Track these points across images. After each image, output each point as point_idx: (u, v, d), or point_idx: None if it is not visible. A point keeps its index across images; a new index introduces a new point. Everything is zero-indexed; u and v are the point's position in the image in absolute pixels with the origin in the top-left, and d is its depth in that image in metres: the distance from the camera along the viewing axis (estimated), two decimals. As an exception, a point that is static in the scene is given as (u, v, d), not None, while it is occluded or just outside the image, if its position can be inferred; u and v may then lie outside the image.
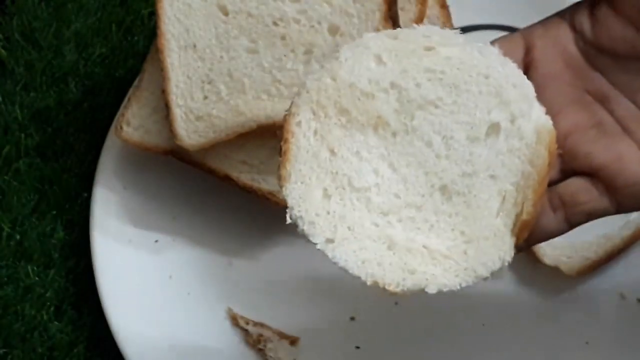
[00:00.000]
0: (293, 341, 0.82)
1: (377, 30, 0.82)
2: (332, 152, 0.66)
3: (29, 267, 0.86)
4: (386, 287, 0.63)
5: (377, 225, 0.65)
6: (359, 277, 0.63)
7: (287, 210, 0.64)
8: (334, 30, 0.83)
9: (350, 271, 0.64)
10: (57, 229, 0.88)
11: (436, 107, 0.65)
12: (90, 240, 0.85)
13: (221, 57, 0.84)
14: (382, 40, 0.66)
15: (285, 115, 0.65)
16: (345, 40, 0.82)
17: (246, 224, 0.86)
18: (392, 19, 0.83)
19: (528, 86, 0.65)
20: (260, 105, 0.82)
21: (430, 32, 0.66)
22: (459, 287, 0.63)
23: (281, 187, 0.65)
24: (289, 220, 0.64)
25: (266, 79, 0.82)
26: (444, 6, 0.89)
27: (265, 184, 0.83)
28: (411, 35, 0.66)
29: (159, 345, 0.82)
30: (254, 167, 0.84)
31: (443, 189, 0.65)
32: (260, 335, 0.82)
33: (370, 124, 0.66)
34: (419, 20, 0.86)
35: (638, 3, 0.64)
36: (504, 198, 0.64)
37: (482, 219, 0.64)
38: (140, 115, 0.87)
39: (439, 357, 0.82)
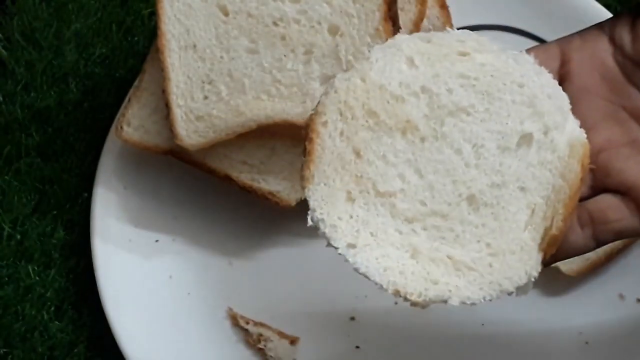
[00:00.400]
0: (293, 341, 0.82)
1: (377, 30, 0.82)
2: (358, 154, 0.64)
3: (30, 267, 0.86)
4: (407, 296, 0.62)
5: (400, 232, 0.63)
6: (380, 285, 0.62)
7: (309, 212, 0.63)
8: (334, 30, 0.83)
9: (372, 278, 0.62)
10: (58, 229, 0.88)
11: (468, 114, 0.64)
12: (91, 240, 0.85)
13: (221, 57, 0.84)
14: (414, 42, 0.65)
15: (311, 114, 0.64)
16: (344, 40, 0.82)
17: (246, 224, 0.86)
18: (392, 19, 0.83)
19: (563, 98, 0.64)
20: (260, 105, 0.82)
21: (465, 37, 0.65)
22: (482, 301, 0.62)
23: (303, 187, 0.63)
24: (310, 223, 0.62)
25: (266, 79, 0.82)
26: (443, 6, 0.89)
27: (265, 184, 0.83)
28: (445, 39, 0.65)
29: (159, 345, 0.82)
30: (254, 167, 0.84)
31: (471, 198, 0.63)
32: (260, 334, 0.82)
33: (399, 128, 0.64)
34: (419, 20, 0.86)
35: None
36: (533, 211, 0.63)
37: (509, 232, 0.63)
38: (140, 116, 0.87)
39: (439, 357, 0.82)
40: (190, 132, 0.82)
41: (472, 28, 0.92)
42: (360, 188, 0.63)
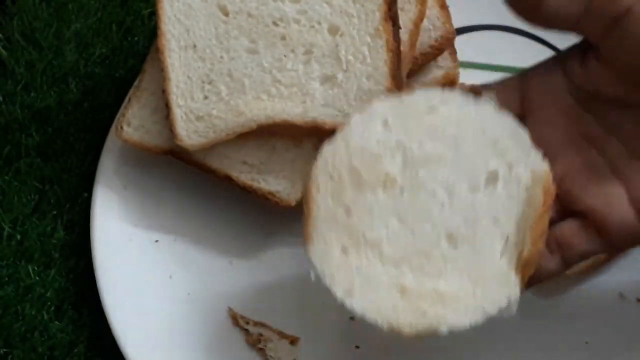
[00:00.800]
0: (293, 341, 0.82)
1: (377, 30, 0.82)
2: (348, 211, 0.71)
3: (30, 267, 0.86)
4: (401, 330, 0.69)
5: (389, 274, 0.70)
6: (375, 323, 0.69)
7: (311, 269, 0.71)
8: (334, 30, 0.83)
9: (367, 318, 0.69)
10: (58, 229, 0.88)
11: (438, 162, 0.71)
12: (91, 240, 0.85)
13: (221, 57, 0.84)
14: (388, 105, 0.72)
15: (306, 181, 0.72)
16: (344, 40, 0.83)
17: (246, 224, 0.86)
18: (392, 19, 0.83)
19: (523, 135, 0.70)
20: (260, 105, 0.82)
21: (431, 94, 0.72)
22: (469, 326, 0.68)
23: (305, 246, 0.72)
24: (313, 278, 0.71)
25: (266, 79, 0.83)
26: (443, 6, 0.90)
27: (266, 184, 0.83)
28: (414, 98, 0.72)
29: (159, 345, 0.82)
30: (254, 167, 0.84)
31: (449, 236, 0.70)
32: (261, 334, 0.82)
33: (380, 182, 0.71)
34: (419, 20, 0.86)
35: (624, 58, 0.66)
36: (506, 239, 0.69)
37: (487, 261, 0.69)
38: (140, 116, 0.87)
39: (439, 356, 0.82)
40: (190, 132, 0.83)
41: (472, 28, 0.92)
42: (352, 240, 0.71)
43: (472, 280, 0.69)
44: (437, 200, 0.70)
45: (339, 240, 0.71)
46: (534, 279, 0.69)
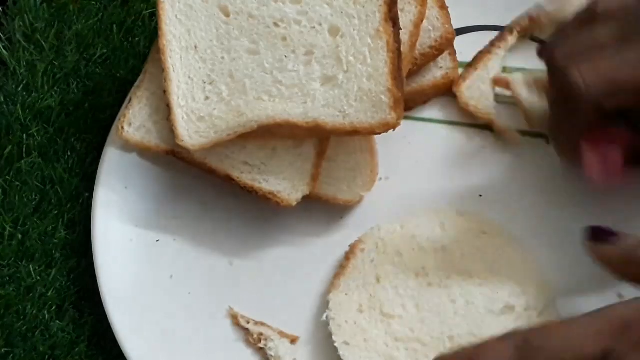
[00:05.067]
0: (293, 340, 0.82)
1: (377, 31, 0.83)
2: (378, 280, 0.81)
3: (31, 267, 0.86)
4: None
5: (387, 345, 0.78)
6: None
7: (326, 311, 0.80)
8: (334, 31, 0.83)
9: None
10: (59, 229, 0.89)
11: (470, 276, 0.80)
12: (92, 240, 0.85)
13: (222, 58, 0.84)
14: (451, 213, 0.83)
15: (355, 241, 0.83)
16: (345, 41, 0.83)
17: (247, 224, 0.86)
18: (392, 20, 0.83)
19: (550, 287, 0.80)
20: (261, 105, 0.82)
21: (491, 222, 0.83)
22: None
23: (329, 292, 0.81)
24: (324, 318, 0.80)
25: (267, 79, 0.83)
26: (443, 7, 0.90)
27: (267, 184, 0.83)
28: (474, 218, 0.83)
29: (160, 344, 0.82)
30: (255, 168, 0.84)
31: (451, 338, 0.78)
32: (261, 334, 0.82)
33: (414, 270, 0.81)
34: (419, 21, 0.87)
35: None
36: None
37: None
38: (141, 116, 0.87)
39: (439, 356, 0.82)
40: (191, 133, 0.83)
41: (472, 28, 0.92)
42: (370, 305, 0.80)
43: None
44: (454, 306, 0.79)
45: (360, 299, 0.80)
46: None
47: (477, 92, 0.89)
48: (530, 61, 0.87)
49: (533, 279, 0.80)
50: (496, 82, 0.89)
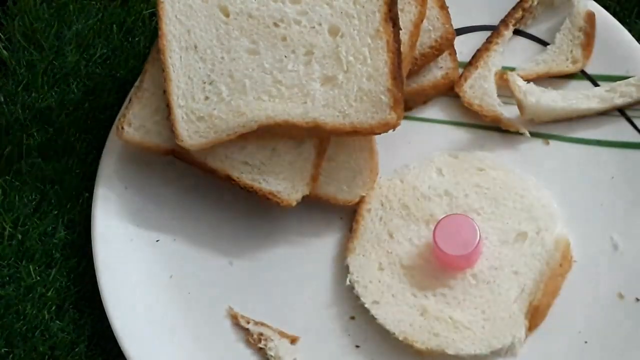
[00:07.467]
0: (293, 340, 0.82)
1: (377, 31, 0.83)
2: (391, 235, 0.83)
3: (31, 267, 0.87)
4: (413, 344, 0.79)
5: (415, 296, 0.81)
6: (393, 332, 0.80)
7: (348, 275, 0.82)
8: (334, 31, 0.83)
9: (387, 327, 0.80)
10: (59, 229, 0.89)
11: (478, 214, 0.83)
12: (92, 240, 0.86)
13: (222, 58, 0.84)
14: (444, 157, 0.86)
15: (358, 202, 0.84)
16: (345, 41, 0.83)
17: (247, 224, 0.86)
18: (392, 21, 0.83)
19: (555, 208, 0.83)
20: (261, 105, 0.82)
21: (484, 157, 0.86)
22: (473, 354, 0.78)
23: (346, 257, 0.83)
24: (347, 283, 0.82)
25: (267, 79, 0.83)
26: (443, 7, 0.90)
27: (266, 184, 0.83)
28: (468, 157, 0.86)
29: (160, 344, 0.82)
30: (254, 168, 0.84)
31: (474, 276, 0.81)
32: (261, 334, 0.82)
33: (424, 219, 0.83)
34: (419, 21, 0.87)
35: None
36: (522, 289, 0.80)
37: (501, 303, 0.80)
38: (141, 116, 0.87)
39: (438, 357, 0.82)
40: (191, 133, 0.83)
41: (472, 28, 0.92)
42: (389, 261, 0.82)
43: (485, 316, 0.79)
44: None
45: (378, 258, 0.82)
46: None
47: (480, 90, 0.89)
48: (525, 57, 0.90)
49: (537, 202, 0.82)
50: (499, 78, 0.89)
